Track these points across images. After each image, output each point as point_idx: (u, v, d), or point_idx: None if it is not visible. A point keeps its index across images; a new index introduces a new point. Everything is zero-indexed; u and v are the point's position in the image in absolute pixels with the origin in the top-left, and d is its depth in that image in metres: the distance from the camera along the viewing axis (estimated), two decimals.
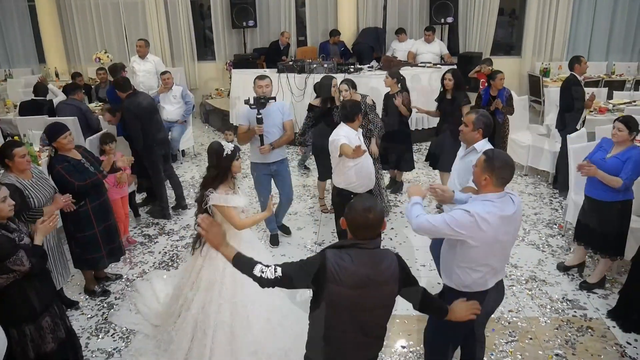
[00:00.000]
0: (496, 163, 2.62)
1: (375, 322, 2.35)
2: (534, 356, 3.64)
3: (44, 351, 3.06)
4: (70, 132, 4.05)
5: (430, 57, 9.27)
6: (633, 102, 7.17)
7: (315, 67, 7.96)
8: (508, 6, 11.13)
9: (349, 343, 2.32)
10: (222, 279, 3.39)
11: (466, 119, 3.53)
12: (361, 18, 10.35)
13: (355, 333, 2.30)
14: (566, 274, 4.60)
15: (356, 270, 2.19)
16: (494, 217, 2.56)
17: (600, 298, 4.27)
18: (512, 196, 2.70)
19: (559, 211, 5.79)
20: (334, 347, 2.33)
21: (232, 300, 3.37)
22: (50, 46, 10.73)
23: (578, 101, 5.71)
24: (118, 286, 4.62)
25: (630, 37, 10.14)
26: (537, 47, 10.33)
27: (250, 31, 10.74)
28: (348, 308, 2.23)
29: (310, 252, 5.12)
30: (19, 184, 3.56)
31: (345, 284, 2.18)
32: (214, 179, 3.37)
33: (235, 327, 3.35)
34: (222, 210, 3.32)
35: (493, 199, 2.62)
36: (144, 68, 8.15)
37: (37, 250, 2.98)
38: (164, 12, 10.63)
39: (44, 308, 3.05)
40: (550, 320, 4.01)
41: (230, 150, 3.39)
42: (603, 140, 4.21)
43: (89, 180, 4.07)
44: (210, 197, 3.31)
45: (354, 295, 2.20)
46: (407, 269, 2.36)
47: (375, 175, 4.65)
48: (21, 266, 2.82)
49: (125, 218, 5.27)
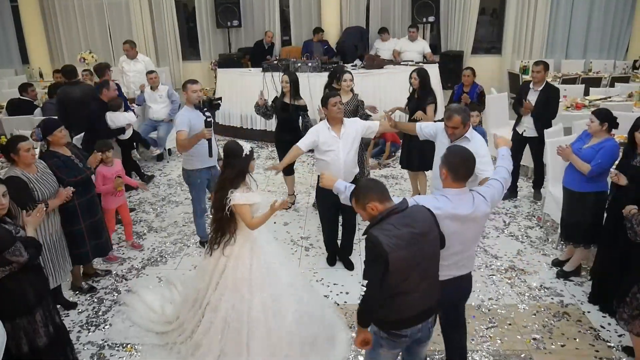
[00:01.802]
0: (453, 158, 2.73)
1: (433, 265, 2.60)
2: (513, 340, 3.79)
3: (37, 345, 3.10)
4: (64, 127, 4.13)
5: (414, 56, 9.44)
6: (608, 98, 7.40)
7: (300, 65, 8.08)
8: (489, 6, 11.37)
9: (415, 293, 2.53)
10: (250, 275, 3.37)
11: (454, 122, 3.69)
12: (344, 18, 10.50)
13: (420, 283, 2.52)
14: (546, 265, 4.78)
15: (402, 233, 2.41)
16: (443, 214, 2.65)
17: (576, 285, 4.44)
18: (475, 195, 2.77)
19: (537, 204, 5.97)
20: (402, 303, 2.53)
21: (262, 296, 3.37)
22: (34, 47, 10.71)
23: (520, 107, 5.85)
24: (107, 282, 4.68)
25: (607, 36, 10.46)
26: (516, 46, 10.60)
27: (234, 31, 10.83)
28: (410, 266, 2.45)
29: (298, 246, 5.24)
30: (24, 177, 3.64)
31: (400, 248, 2.38)
32: (234, 179, 3.32)
33: (270, 321, 3.36)
34: (240, 210, 3.30)
35: (449, 195, 2.73)
36: (135, 68, 8.21)
37: (32, 241, 3.05)
38: (148, 12, 10.68)
39: (38, 301, 3.10)
40: (529, 307, 4.17)
41: (249, 150, 3.38)
42: (584, 133, 4.40)
43: (80, 177, 4.11)
44: (232, 197, 3.27)
45: (409, 254, 2.42)
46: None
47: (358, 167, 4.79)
48: (20, 257, 2.88)
49: (128, 224, 5.25)
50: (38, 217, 3.20)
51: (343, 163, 4.38)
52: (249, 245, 3.44)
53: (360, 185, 2.63)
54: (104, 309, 4.28)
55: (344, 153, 4.38)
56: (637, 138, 3.71)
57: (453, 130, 3.73)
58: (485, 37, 11.48)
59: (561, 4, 10.34)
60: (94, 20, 10.95)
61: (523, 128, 5.83)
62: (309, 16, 10.76)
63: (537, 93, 5.68)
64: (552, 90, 5.70)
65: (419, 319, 2.60)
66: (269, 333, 3.34)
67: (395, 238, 2.38)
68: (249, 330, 3.33)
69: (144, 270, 4.87)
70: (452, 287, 2.92)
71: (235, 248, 3.40)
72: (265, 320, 3.35)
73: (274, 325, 3.36)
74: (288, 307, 3.45)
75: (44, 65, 10.59)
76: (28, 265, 2.97)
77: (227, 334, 3.35)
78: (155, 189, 6.84)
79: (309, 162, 7.72)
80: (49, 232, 3.86)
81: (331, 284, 4.54)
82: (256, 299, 3.35)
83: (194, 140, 4.57)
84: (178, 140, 4.63)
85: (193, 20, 11.18)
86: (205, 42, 10.97)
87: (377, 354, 2.72)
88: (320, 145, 4.39)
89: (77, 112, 5.73)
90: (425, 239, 2.48)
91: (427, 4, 10.13)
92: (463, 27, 10.48)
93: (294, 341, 3.40)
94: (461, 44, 10.57)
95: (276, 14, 10.72)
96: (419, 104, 5.63)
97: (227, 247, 3.40)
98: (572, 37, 10.56)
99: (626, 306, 3.30)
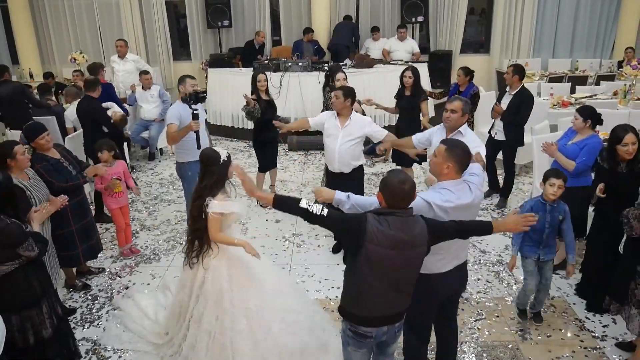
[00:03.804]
0: (458, 151, 2.80)
1: (406, 279, 2.59)
2: (501, 332, 3.88)
3: (42, 337, 3.15)
4: (48, 133, 4.06)
5: (403, 55, 9.55)
6: (594, 96, 7.53)
7: (291, 65, 8.15)
8: (478, 6, 11.50)
9: (382, 297, 2.57)
10: (230, 286, 3.28)
11: (454, 106, 3.74)
12: (334, 18, 10.57)
13: (387, 289, 2.55)
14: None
15: (393, 234, 2.44)
16: (451, 206, 2.73)
17: (562, 278, 4.54)
18: (470, 184, 2.85)
19: (525, 199, 6.06)
20: (368, 300, 2.58)
21: (245, 307, 3.29)
22: (24, 47, 10.64)
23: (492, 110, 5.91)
24: (101, 279, 4.73)
25: (593, 35, 10.66)
26: (504, 45, 10.75)
27: (225, 31, 10.87)
28: (383, 265, 2.48)
29: (290, 243, 5.31)
30: (21, 185, 3.56)
31: (382, 244, 2.43)
32: (212, 187, 3.22)
33: (255, 332, 3.28)
34: (211, 219, 3.19)
35: (450, 187, 2.79)
36: (124, 68, 8.26)
37: (39, 236, 3.12)
38: (138, 12, 10.68)
39: (43, 292, 3.16)
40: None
41: (226, 156, 3.27)
42: (569, 130, 4.51)
43: (70, 183, 4.08)
44: (210, 205, 3.18)
45: (389, 254, 2.45)
46: (432, 224, 2.58)
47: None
48: (31, 252, 2.95)
49: (126, 227, 5.11)
50: (44, 213, 3.27)
51: (337, 152, 4.63)
52: (227, 256, 3.35)
53: (386, 180, 2.53)
54: (98, 306, 4.32)
55: (339, 143, 4.61)
56: (624, 152, 3.67)
57: (450, 114, 3.74)
58: (474, 36, 11.62)
59: (548, 4, 10.51)
60: (84, 20, 10.92)
61: (495, 131, 5.87)
62: (299, 16, 10.82)
63: (510, 97, 5.66)
64: (526, 96, 5.57)
65: (382, 322, 2.65)
66: (256, 345, 3.25)
67: (382, 234, 2.43)
68: (233, 343, 3.24)
69: (137, 268, 4.91)
70: (454, 277, 3.00)
71: (213, 260, 3.31)
72: (250, 332, 3.27)
73: (260, 337, 3.28)
74: (274, 316, 3.37)
75: (34, 66, 10.54)
76: (39, 258, 3.05)
77: (212, 347, 3.26)
78: (147, 188, 6.88)
79: (300, 161, 7.79)
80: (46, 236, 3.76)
81: (322, 279, 4.61)
82: (239, 311, 3.27)
83: (183, 132, 4.67)
84: (168, 132, 4.76)
85: (184, 21, 11.20)
86: (195, 42, 11.00)
87: (347, 352, 2.79)
88: (325, 129, 4.74)
89: (8, 109, 6.20)
90: (412, 251, 2.49)
91: (416, 3, 10.24)
92: (452, 26, 10.60)
93: (282, 352, 3.31)
94: (450, 43, 10.69)
95: (266, 14, 10.77)
96: (412, 102, 5.72)
97: (205, 258, 3.30)
98: (558, 36, 10.74)
99: (631, 306, 3.35)
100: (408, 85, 5.78)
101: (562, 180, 3.63)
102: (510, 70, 5.62)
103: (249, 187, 2.91)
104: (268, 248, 5.15)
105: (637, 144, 3.67)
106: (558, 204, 3.70)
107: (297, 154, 8.08)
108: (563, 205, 3.73)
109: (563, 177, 3.65)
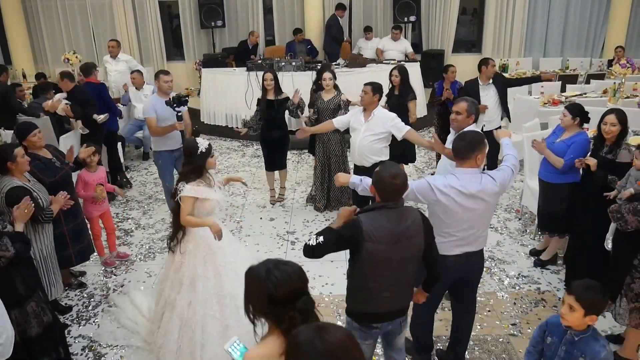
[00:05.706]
0: (460, 142, 2.99)
1: (408, 272, 2.65)
2: (492, 326, 3.95)
3: (29, 335, 3.17)
4: (39, 130, 4.05)
5: (396, 55, 9.61)
6: (584, 94, 7.63)
7: (284, 65, 8.19)
8: (470, 5, 11.59)
9: (387, 292, 2.62)
10: (204, 272, 3.37)
11: (459, 108, 3.81)
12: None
13: (391, 284, 2.61)
14: (524, 254, 4.96)
15: (388, 227, 2.51)
16: (451, 190, 2.86)
17: (552, 273, 4.62)
18: (484, 176, 2.96)
19: (516, 197, 6.15)
20: (374, 297, 2.63)
21: (218, 294, 3.35)
22: (17, 47, 10.62)
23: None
24: (97, 278, 4.75)
25: (583, 35, 10.79)
26: (496, 44, 10.85)
27: (219, 31, 10.89)
28: (384, 262, 2.54)
29: (285, 241, 5.35)
30: (26, 187, 3.52)
31: (380, 241, 2.49)
32: (187, 174, 3.38)
33: (228, 319, 3.33)
34: (183, 201, 3.31)
35: (458, 174, 2.93)
36: (116, 68, 8.26)
37: (19, 236, 3.10)
38: (132, 12, 10.67)
39: (29, 293, 3.17)
40: (507, 295, 4.34)
41: (205, 147, 3.39)
42: (557, 127, 4.57)
43: (59, 174, 4.05)
44: (182, 189, 3.33)
45: (388, 250, 2.51)
46: (428, 222, 2.68)
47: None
48: (6, 252, 2.94)
49: (111, 234, 4.98)
50: (26, 212, 3.20)
51: (357, 146, 4.77)
52: (205, 243, 3.43)
53: (379, 174, 2.59)
54: (93, 304, 4.36)
55: (361, 137, 4.74)
56: (602, 130, 3.91)
57: (456, 115, 3.82)
58: (466, 35, 11.70)
59: (539, 4, 10.62)
60: (77, 21, 10.91)
61: (482, 123, 5.94)
62: (292, 16, 10.86)
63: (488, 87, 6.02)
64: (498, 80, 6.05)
65: (388, 317, 2.72)
66: (226, 332, 3.26)
67: (377, 229, 2.50)
68: (205, 328, 3.29)
69: (133, 266, 4.95)
70: (462, 262, 3.08)
71: (190, 245, 3.40)
72: (221, 318, 3.32)
73: (233, 324, 3.31)
74: None
75: (27, 66, 10.52)
76: (17, 259, 3.01)
77: (184, 332, 3.33)
78: (141, 188, 6.91)
79: (294, 160, 7.83)
80: (44, 243, 3.74)
81: (317, 275, 4.66)
82: (212, 297, 3.33)
83: (168, 129, 5.04)
84: (150, 125, 5.09)
85: (177, 21, 11.22)
86: (189, 42, 11.01)
87: None
88: (351, 123, 4.89)
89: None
90: (408, 241, 2.56)
91: (408, 3, 10.30)
92: (444, 26, 10.68)
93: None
94: (442, 42, 10.77)
95: (260, 14, 10.80)
96: (400, 101, 5.77)
97: (182, 244, 3.41)
98: (549, 35, 10.86)
99: (621, 300, 3.39)
100: (396, 84, 5.85)
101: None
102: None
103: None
104: (262, 246, 5.20)
105: (619, 128, 3.86)
106: (587, 343, 2.42)
107: (291, 153, 8.11)
108: (594, 346, 2.41)
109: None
